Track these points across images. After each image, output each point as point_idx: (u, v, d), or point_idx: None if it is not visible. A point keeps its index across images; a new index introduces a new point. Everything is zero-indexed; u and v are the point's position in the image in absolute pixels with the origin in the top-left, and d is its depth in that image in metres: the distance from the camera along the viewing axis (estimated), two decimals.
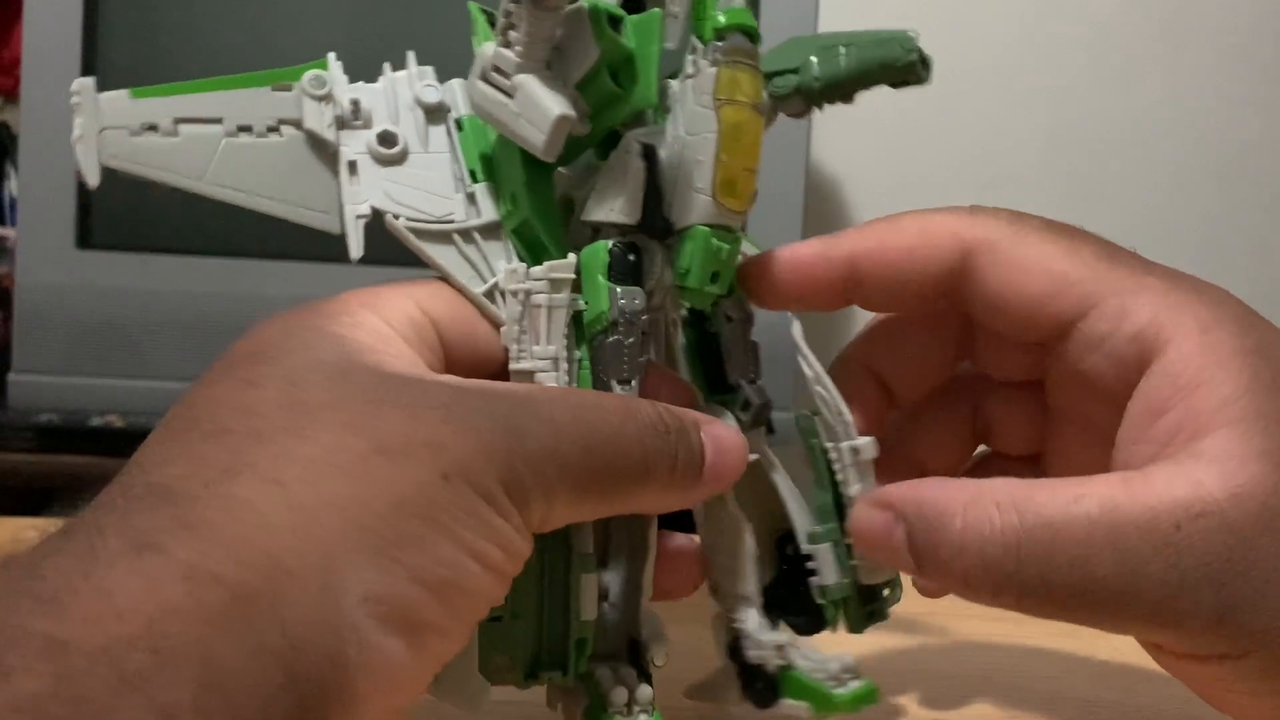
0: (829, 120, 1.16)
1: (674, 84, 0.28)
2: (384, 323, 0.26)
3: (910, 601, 0.32)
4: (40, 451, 0.87)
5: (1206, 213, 1.19)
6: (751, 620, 0.30)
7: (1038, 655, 0.41)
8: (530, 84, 0.26)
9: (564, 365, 0.28)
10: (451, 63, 0.31)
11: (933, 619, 0.42)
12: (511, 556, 0.23)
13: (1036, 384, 0.31)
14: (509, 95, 0.26)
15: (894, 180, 1.18)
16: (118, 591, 0.19)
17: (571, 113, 0.26)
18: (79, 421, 0.86)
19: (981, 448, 0.34)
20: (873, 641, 0.40)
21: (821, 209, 1.17)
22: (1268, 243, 1.18)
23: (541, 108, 0.26)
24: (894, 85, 0.31)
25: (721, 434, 0.27)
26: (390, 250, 0.29)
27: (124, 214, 0.89)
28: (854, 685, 0.30)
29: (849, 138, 1.15)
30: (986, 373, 0.32)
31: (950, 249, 0.29)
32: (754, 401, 0.30)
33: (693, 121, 0.27)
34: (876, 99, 0.31)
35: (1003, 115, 1.18)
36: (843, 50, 0.30)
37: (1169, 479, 0.25)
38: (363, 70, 0.30)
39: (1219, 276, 0.29)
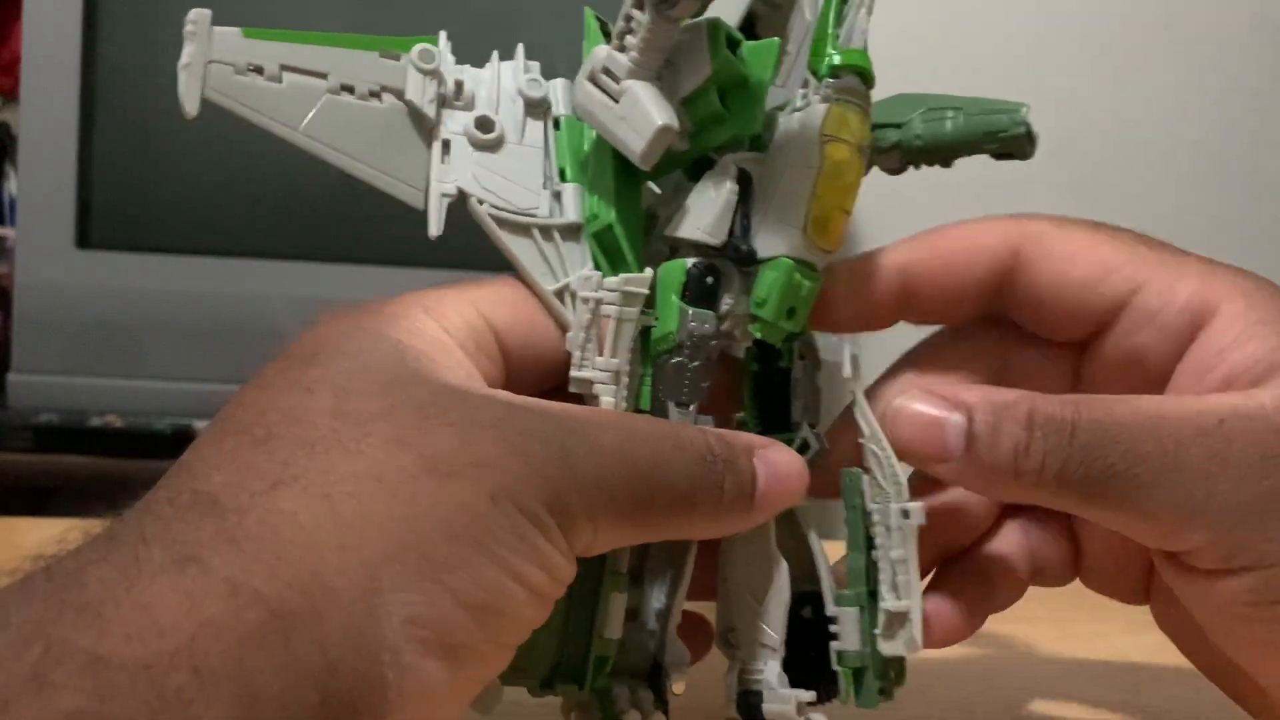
0: None
1: (780, 116, 0.28)
2: (443, 330, 0.26)
3: None
4: (40, 451, 0.87)
5: (1207, 213, 1.19)
6: (772, 671, 0.28)
7: (1039, 656, 0.41)
8: (638, 90, 0.26)
9: (624, 380, 0.27)
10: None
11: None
12: (555, 581, 0.23)
13: (1070, 355, 0.31)
14: (614, 99, 0.26)
15: (894, 180, 1.18)
16: (159, 607, 0.19)
17: (675, 124, 0.26)
18: (78, 421, 0.86)
19: None
20: None
21: None
22: (1268, 243, 1.18)
23: (646, 115, 0.26)
24: (996, 157, 0.31)
25: (779, 459, 0.27)
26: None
27: (124, 214, 0.89)
28: None
29: None
30: (1017, 323, 0.32)
31: (999, 247, 0.30)
32: (813, 446, 0.29)
33: (795, 154, 0.27)
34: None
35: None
36: (950, 114, 0.30)
37: (1218, 396, 0.26)
38: None
39: None
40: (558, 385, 0.28)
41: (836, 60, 0.27)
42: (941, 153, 0.30)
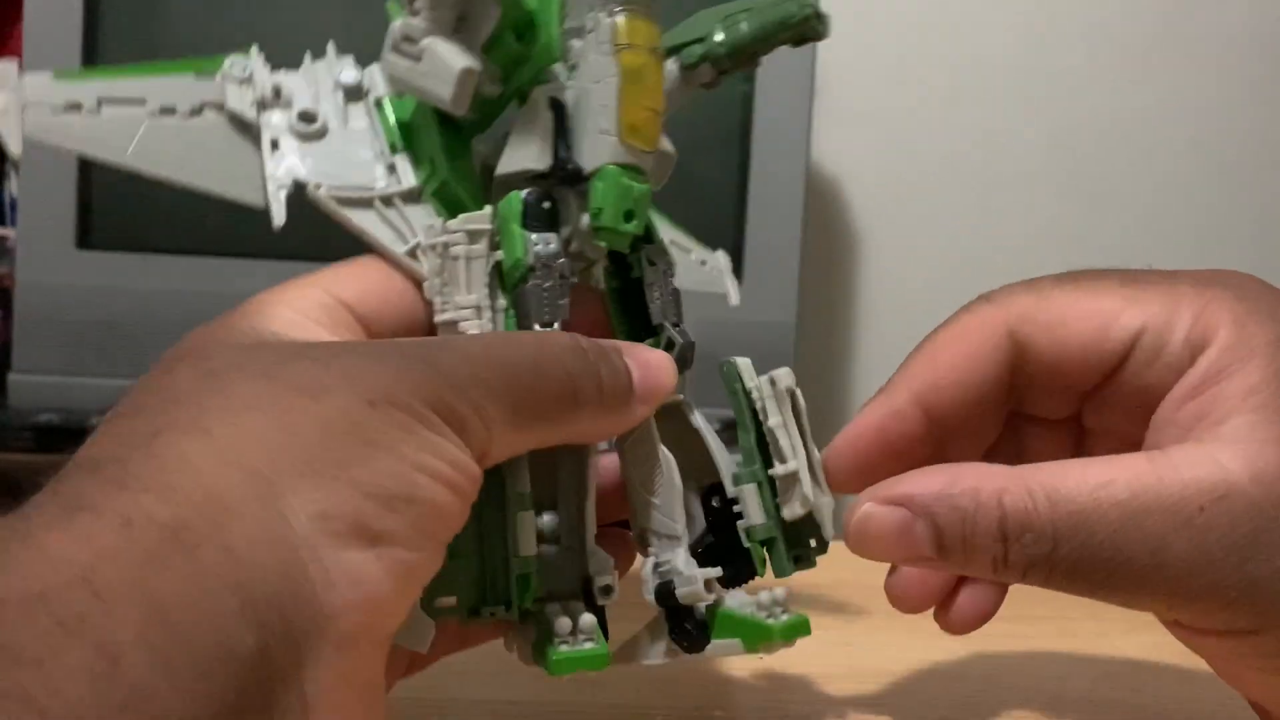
0: (829, 120, 1.16)
1: (576, 43, 0.29)
2: (296, 313, 0.27)
3: None
4: (40, 451, 0.87)
5: (1206, 213, 1.19)
6: (680, 558, 0.29)
7: (1040, 656, 0.41)
8: (435, 44, 0.28)
9: (487, 313, 0.28)
10: None
11: (933, 621, 0.42)
12: (462, 473, 0.23)
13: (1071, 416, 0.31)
14: (416, 59, 0.28)
15: (894, 180, 1.18)
16: (53, 547, 0.19)
17: (475, 64, 0.27)
18: (79, 421, 0.86)
19: None
20: (873, 642, 0.40)
21: (822, 209, 1.17)
22: (1268, 243, 1.18)
23: (445, 63, 0.27)
24: (795, 44, 0.32)
25: (646, 355, 0.28)
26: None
27: (124, 214, 0.89)
28: (785, 617, 0.30)
29: (849, 138, 1.15)
30: (1026, 409, 0.32)
31: (996, 340, 0.30)
32: (677, 341, 0.30)
33: (595, 70, 0.28)
34: (876, 98, 0.31)
35: (1003, 115, 1.18)
36: (743, 17, 0.31)
37: (1193, 460, 0.26)
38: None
39: None
40: None
41: None
42: (745, 54, 0.31)
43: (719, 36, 0.31)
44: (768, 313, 0.93)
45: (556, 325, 0.28)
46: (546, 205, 0.29)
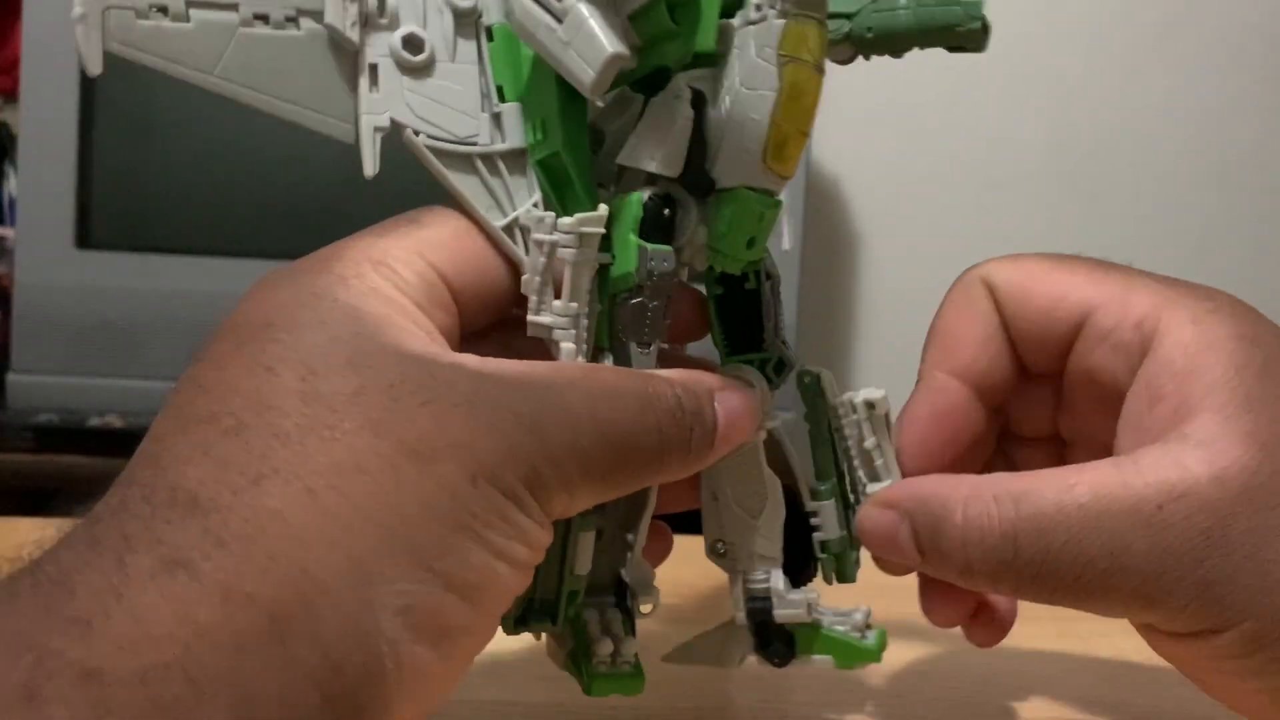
0: (829, 120, 1.16)
1: (735, 25, 0.26)
2: (395, 289, 0.25)
3: (911, 604, 0.32)
4: (40, 451, 0.87)
5: (1206, 213, 1.19)
6: (777, 580, 0.30)
7: (1038, 656, 0.41)
8: (583, 11, 0.24)
9: (584, 323, 0.26)
10: None
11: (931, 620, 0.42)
12: (534, 550, 0.24)
13: (1053, 376, 0.32)
14: (558, 19, 0.24)
15: (894, 180, 1.18)
16: (151, 617, 0.19)
17: (626, 51, 0.24)
18: (78, 421, 0.86)
19: None
20: None
21: (822, 209, 1.17)
22: (1267, 243, 1.18)
23: (594, 42, 0.24)
24: (950, 49, 0.30)
25: (734, 403, 0.27)
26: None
27: (123, 214, 0.89)
28: (872, 635, 0.31)
29: (849, 138, 1.15)
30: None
31: (981, 293, 0.31)
32: (788, 363, 0.30)
33: (751, 75, 0.25)
34: (876, 98, 0.31)
35: (1004, 115, 1.18)
36: (903, 3, 0.29)
37: (1156, 462, 0.26)
38: None
39: (1219, 276, 0.30)
40: (507, 318, 0.28)
41: None
42: (893, 44, 0.29)
43: (870, 21, 0.29)
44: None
45: (653, 348, 0.27)
46: (667, 213, 0.26)
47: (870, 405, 0.30)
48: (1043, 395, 0.32)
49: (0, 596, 0.19)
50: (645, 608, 0.30)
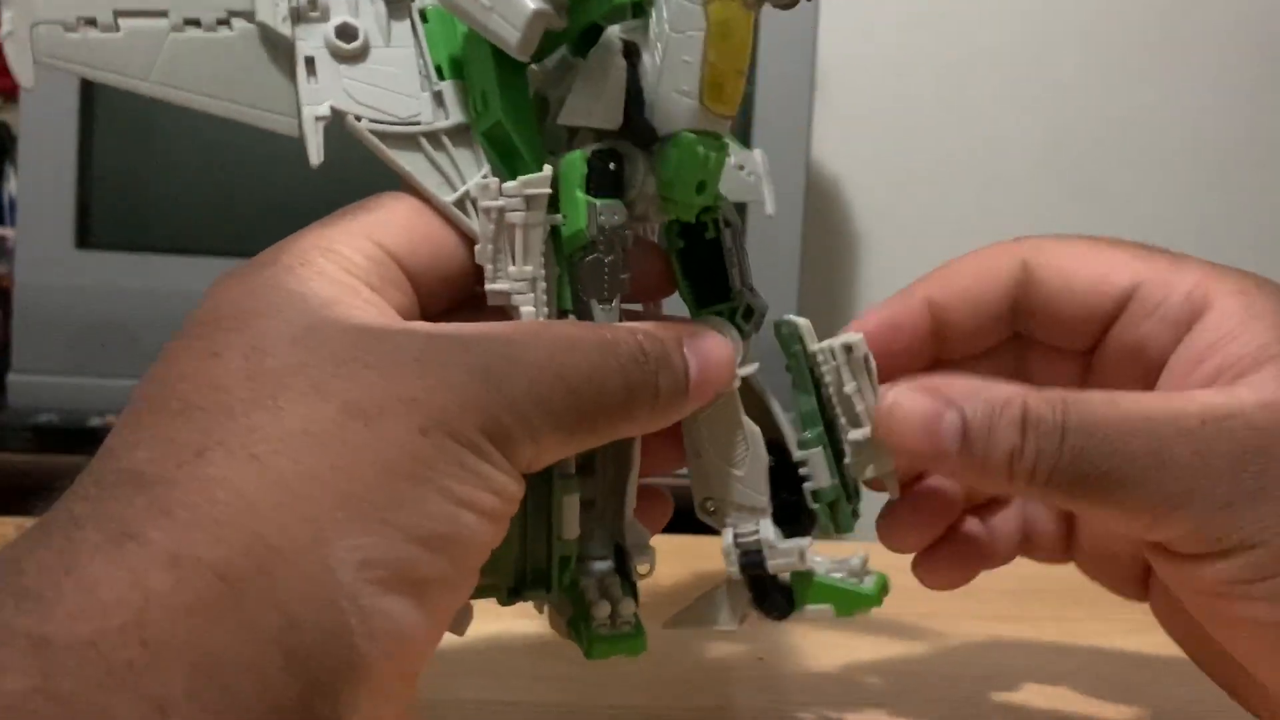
0: (829, 120, 1.16)
1: None
2: (344, 271, 0.25)
3: (911, 604, 0.32)
4: (39, 451, 0.87)
5: (1206, 213, 1.19)
6: (767, 530, 0.29)
7: (1038, 656, 0.41)
8: None
9: (541, 285, 0.26)
10: None
11: (933, 621, 0.42)
12: (505, 500, 0.23)
13: (1084, 351, 0.32)
14: None
15: (894, 180, 1.18)
16: (101, 585, 0.19)
17: (548, 8, 0.24)
18: (78, 421, 0.86)
19: None
20: (873, 643, 0.40)
21: (822, 209, 1.17)
22: (1268, 243, 1.18)
23: (516, 2, 0.24)
24: None
25: (708, 347, 0.27)
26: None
27: (123, 214, 0.89)
28: (870, 579, 0.30)
29: (849, 138, 1.15)
30: (1035, 337, 0.33)
31: (1010, 266, 0.31)
32: (757, 309, 0.29)
33: (678, 18, 0.25)
34: (875, 97, 0.31)
35: (1003, 115, 1.18)
36: None
37: (1203, 392, 0.27)
38: None
39: None
40: (469, 297, 0.27)
41: None
42: None
43: None
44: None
45: (615, 302, 0.27)
46: (613, 167, 0.26)
47: (848, 349, 0.29)
48: (1068, 368, 0.32)
49: None
50: (642, 568, 0.29)
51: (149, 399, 0.23)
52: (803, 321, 0.30)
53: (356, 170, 0.28)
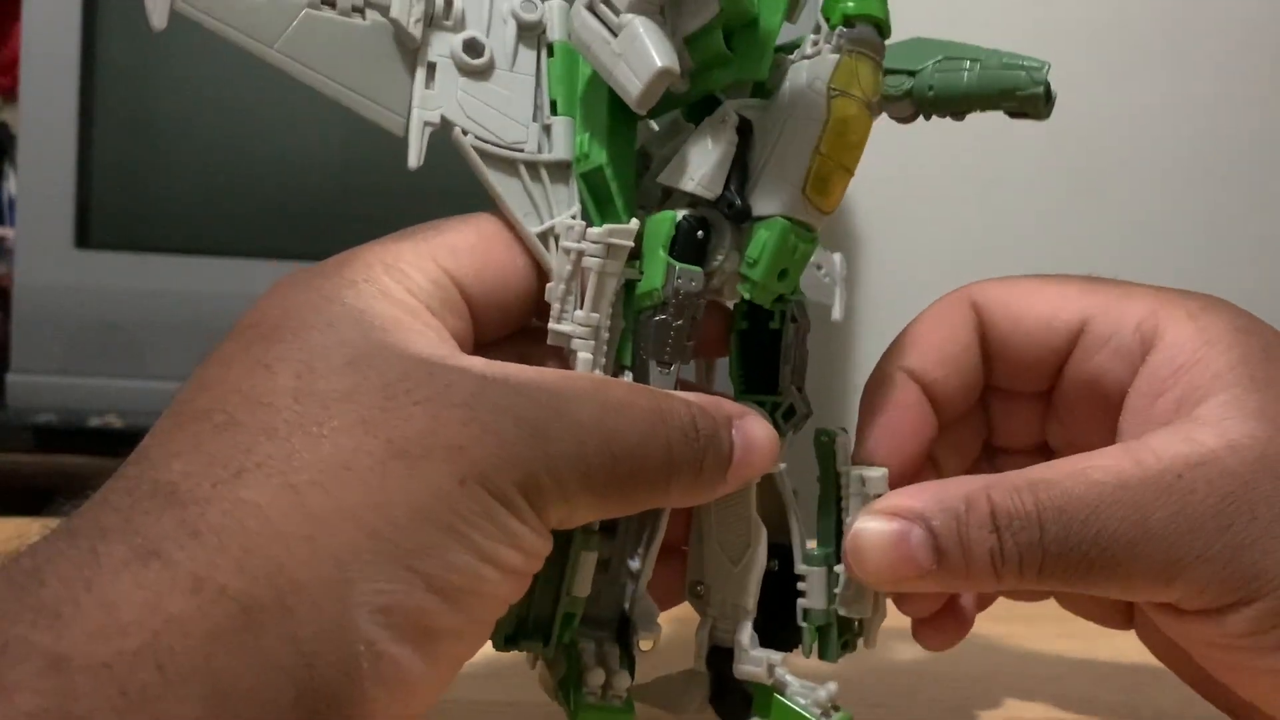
0: None
1: (790, 59, 0.26)
2: (407, 292, 0.25)
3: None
4: (39, 451, 0.87)
5: (1206, 212, 1.19)
6: (746, 634, 0.29)
7: (1039, 657, 0.41)
8: (638, 26, 0.24)
9: (604, 335, 0.26)
10: None
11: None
12: (530, 557, 0.23)
13: (1041, 392, 0.32)
14: (613, 33, 0.25)
15: (894, 180, 1.18)
16: (122, 604, 0.18)
17: (675, 66, 0.24)
18: (77, 421, 0.85)
19: None
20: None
21: None
22: (1268, 243, 1.18)
23: (645, 55, 0.24)
24: (1011, 114, 0.29)
25: (754, 433, 0.26)
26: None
27: (123, 214, 0.89)
28: (837, 717, 0.29)
29: None
30: (992, 383, 0.32)
31: (965, 312, 0.31)
32: (799, 410, 0.29)
33: (800, 106, 0.25)
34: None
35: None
36: (967, 65, 0.29)
37: (1167, 441, 0.26)
38: None
39: (1219, 276, 0.30)
40: (527, 329, 0.27)
41: (850, 8, 0.25)
42: (955, 105, 0.29)
43: (933, 79, 0.28)
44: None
45: (674, 368, 0.26)
46: (700, 235, 0.26)
47: (863, 481, 0.28)
48: (1029, 408, 0.32)
49: None
50: (645, 644, 0.29)
51: (195, 405, 0.22)
52: (841, 435, 0.29)
53: (359, 175, 0.28)
